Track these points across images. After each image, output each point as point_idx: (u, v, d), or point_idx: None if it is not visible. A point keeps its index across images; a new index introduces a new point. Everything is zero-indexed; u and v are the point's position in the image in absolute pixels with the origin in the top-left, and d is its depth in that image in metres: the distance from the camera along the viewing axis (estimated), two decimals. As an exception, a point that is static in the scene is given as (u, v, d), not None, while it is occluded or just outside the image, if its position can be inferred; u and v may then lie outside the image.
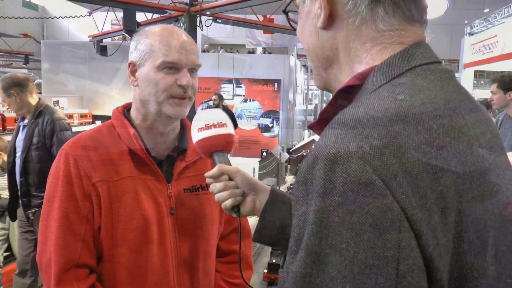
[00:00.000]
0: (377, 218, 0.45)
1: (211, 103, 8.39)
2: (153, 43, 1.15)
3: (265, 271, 3.72)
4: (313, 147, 0.56)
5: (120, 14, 5.98)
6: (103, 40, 6.35)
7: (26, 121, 2.99)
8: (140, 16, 5.73)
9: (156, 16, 6.36)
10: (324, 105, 0.69)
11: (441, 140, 0.49)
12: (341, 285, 0.45)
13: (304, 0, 0.66)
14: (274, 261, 3.76)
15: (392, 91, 0.54)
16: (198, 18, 5.74)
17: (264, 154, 7.51)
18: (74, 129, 5.02)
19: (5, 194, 3.44)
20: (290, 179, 7.61)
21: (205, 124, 0.94)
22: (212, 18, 6.05)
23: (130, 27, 5.21)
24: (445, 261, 0.47)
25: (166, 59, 1.13)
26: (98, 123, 4.66)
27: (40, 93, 8.95)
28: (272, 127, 10.37)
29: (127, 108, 1.27)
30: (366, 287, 0.44)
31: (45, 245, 1.12)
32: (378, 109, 0.50)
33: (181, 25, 5.96)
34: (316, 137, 6.39)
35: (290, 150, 8.40)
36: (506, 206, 0.54)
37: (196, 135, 0.99)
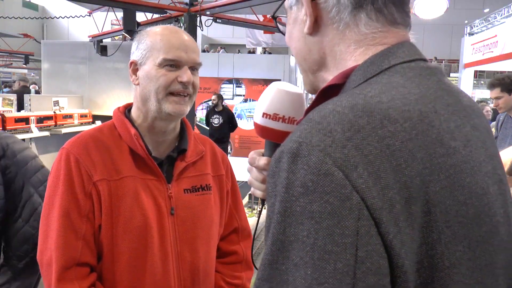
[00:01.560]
0: (335, 206, 0.47)
1: (210, 103, 8.40)
2: (154, 42, 1.16)
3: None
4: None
5: (120, 14, 5.96)
6: (103, 40, 6.34)
7: None
8: (140, 16, 5.73)
9: (156, 16, 6.36)
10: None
11: (406, 133, 0.51)
12: (303, 271, 0.47)
13: (291, 6, 0.68)
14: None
15: (365, 89, 0.55)
16: (198, 18, 5.73)
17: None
18: (74, 129, 5.01)
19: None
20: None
21: (273, 113, 0.78)
22: (212, 18, 6.05)
23: (130, 27, 5.20)
24: (408, 249, 0.48)
25: (166, 56, 1.14)
26: (98, 123, 4.65)
27: (39, 92, 8.94)
28: (272, 127, 10.31)
29: (128, 108, 1.28)
30: (325, 272, 0.46)
31: (45, 243, 1.12)
32: (345, 105, 0.52)
33: (181, 25, 5.95)
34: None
35: (290, 150, 8.39)
36: (480, 197, 0.55)
37: (259, 118, 0.80)
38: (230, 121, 7.76)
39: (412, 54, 0.61)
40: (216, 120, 7.66)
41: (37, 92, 10.05)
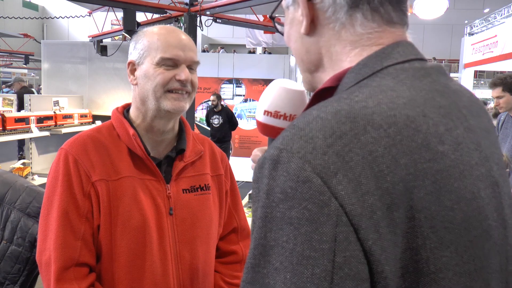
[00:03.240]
0: (313, 213, 0.48)
1: (210, 103, 8.39)
2: (152, 41, 1.17)
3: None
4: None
5: (120, 14, 5.96)
6: (103, 40, 6.34)
7: None
8: (140, 16, 5.72)
9: (156, 16, 6.35)
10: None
11: (390, 139, 0.50)
12: (283, 275, 0.48)
13: (288, 7, 0.68)
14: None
15: (352, 93, 0.55)
16: (198, 18, 5.73)
17: (264, 154, 7.49)
18: (74, 129, 5.01)
19: None
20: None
21: (274, 111, 0.78)
22: (212, 18, 6.05)
23: (130, 27, 5.19)
24: (389, 254, 0.49)
25: (164, 55, 1.14)
26: (98, 123, 4.65)
27: (33, 92, 8.90)
28: (272, 127, 10.28)
29: (126, 109, 1.27)
30: (304, 277, 0.47)
31: (44, 243, 1.12)
32: (329, 111, 0.52)
33: (181, 25, 5.95)
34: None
35: (290, 150, 8.38)
36: (469, 202, 0.54)
37: (261, 115, 0.80)
38: (230, 120, 7.76)
39: (407, 54, 0.60)
40: (216, 121, 7.66)
41: (39, 93, 10.00)
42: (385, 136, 0.50)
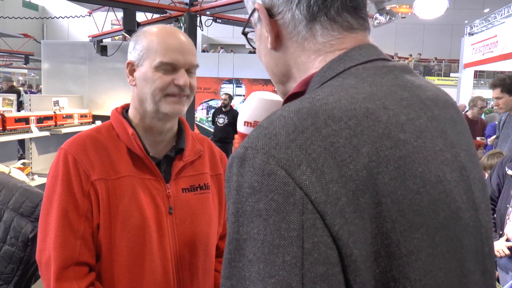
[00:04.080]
0: (280, 203, 0.50)
1: (211, 102, 8.41)
2: (151, 43, 1.16)
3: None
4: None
5: (120, 14, 5.96)
6: (103, 40, 6.34)
7: None
8: (140, 16, 5.73)
9: (156, 16, 6.36)
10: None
11: (351, 130, 0.53)
12: (256, 266, 0.51)
13: (256, 24, 0.71)
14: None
15: (314, 93, 0.58)
16: (198, 18, 5.74)
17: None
18: (74, 129, 5.00)
19: None
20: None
21: (254, 121, 0.83)
22: (212, 18, 6.06)
23: (130, 27, 5.21)
24: (357, 238, 0.51)
25: (163, 59, 1.14)
26: (98, 123, 4.65)
27: (26, 92, 8.89)
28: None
29: (125, 109, 1.28)
30: (276, 266, 0.49)
31: (44, 243, 1.13)
32: (292, 110, 0.55)
33: (181, 25, 5.96)
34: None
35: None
36: (435, 185, 0.56)
37: (242, 126, 0.87)
38: (235, 122, 7.72)
39: (369, 55, 0.63)
40: (221, 120, 7.64)
41: (26, 93, 9.96)
42: (346, 128, 0.53)
